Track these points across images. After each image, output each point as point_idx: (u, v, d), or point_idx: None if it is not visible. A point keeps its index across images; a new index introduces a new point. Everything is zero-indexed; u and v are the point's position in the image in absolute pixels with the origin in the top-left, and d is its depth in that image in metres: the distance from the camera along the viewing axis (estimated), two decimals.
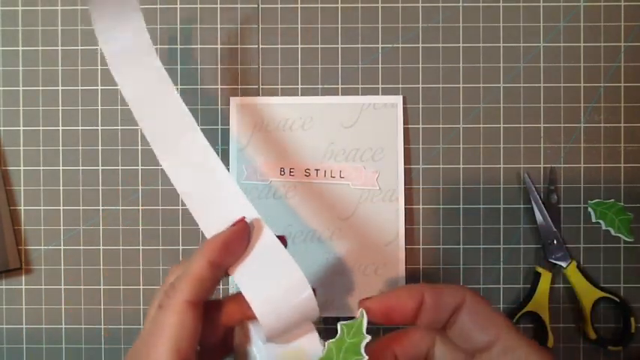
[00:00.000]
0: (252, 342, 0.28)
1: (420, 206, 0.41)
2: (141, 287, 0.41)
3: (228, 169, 0.40)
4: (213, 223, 0.28)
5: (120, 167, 0.41)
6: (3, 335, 0.41)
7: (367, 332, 0.25)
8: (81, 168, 0.41)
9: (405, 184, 0.40)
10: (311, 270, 0.40)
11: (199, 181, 0.28)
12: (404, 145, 0.40)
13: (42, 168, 0.41)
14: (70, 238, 0.41)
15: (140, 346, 0.26)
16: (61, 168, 0.41)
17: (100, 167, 0.41)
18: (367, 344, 0.25)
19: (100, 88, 0.41)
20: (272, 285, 0.26)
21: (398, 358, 0.27)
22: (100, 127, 0.41)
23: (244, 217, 0.27)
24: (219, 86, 0.41)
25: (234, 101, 0.41)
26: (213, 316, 0.28)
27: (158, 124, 0.29)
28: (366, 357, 0.24)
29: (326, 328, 0.40)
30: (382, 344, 0.27)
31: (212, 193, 0.28)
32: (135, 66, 0.31)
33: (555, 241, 0.40)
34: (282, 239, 0.29)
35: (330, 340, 0.25)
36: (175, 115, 0.29)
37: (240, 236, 0.27)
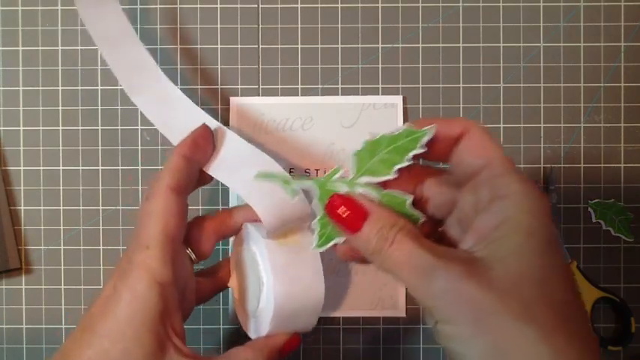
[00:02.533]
0: (252, 239, 0.32)
1: None
2: None
3: None
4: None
5: (120, 167, 0.41)
6: (3, 335, 0.41)
7: None
8: (81, 168, 0.41)
9: None
10: None
11: (170, 111, 0.35)
12: None
13: (42, 168, 0.41)
14: (70, 238, 0.41)
15: (133, 235, 0.29)
16: (61, 168, 0.41)
17: (100, 167, 0.41)
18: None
19: (100, 88, 0.41)
20: (263, 185, 0.31)
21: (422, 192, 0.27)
22: (100, 127, 0.41)
23: (204, 123, 0.32)
24: (219, 86, 0.41)
25: (234, 101, 0.41)
26: (207, 226, 0.32)
27: (130, 71, 0.35)
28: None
29: (325, 328, 0.40)
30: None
31: (181, 119, 0.34)
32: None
33: None
34: None
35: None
36: (142, 63, 0.35)
37: (204, 134, 0.32)
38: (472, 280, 0.21)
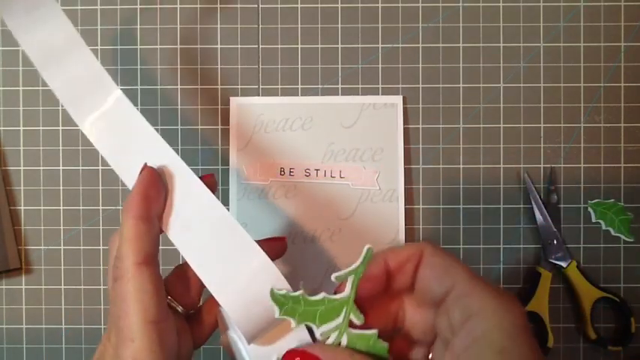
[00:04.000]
0: (230, 325, 0.28)
1: (420, 206, 0.41)
2: None
3: (228, 169, 0.40)
4: (133, 175, 0.27)
5: None
6: (3, 335, 0.41)
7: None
8: (81, 168, 0.41)
9: (405, 184, 0.40)
10: (311, 270, 0.40)
11: (125, 139, 0.28)
12: (404, 145, 0.40)
13: (42, 168, 0.41)
14: (70, 238, 0.41)
15: (112, 323, 0.26)
16: (61, 168, 0.41)
17: (100, 167, 0.41)
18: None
19: None
20: (231, 266, 0.25)
21: (404, 320, 0.27)
22: None
23: (146, 164, 0.27)
24: (219, 86, 0.41)
25: (234, 101, 0.41)
26: (192, 275, 0.29)
27: (78, 90, 0.29)
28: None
29: None
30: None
31: (137, 149, 0.27)
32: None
33: (555, 241, 0.40)
34: (281, 240, 0.29)
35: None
36: (93, 78, 0.29)
37: (153, 181, 0.27)
38: None
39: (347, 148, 0.40)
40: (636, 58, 0.41)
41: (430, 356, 0.26)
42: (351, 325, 0.24)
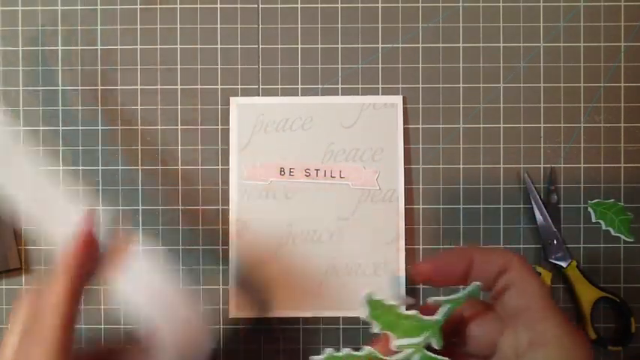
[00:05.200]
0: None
1: (420, 206, 0.41)
2: None
3: (228, 169, 0.40)
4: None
5: (120, 167, 0.41)
6: (3, 335, 0.41)
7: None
8: (81, 168, 0.41)
9: (405, 184, 0.40)
10: (311, 270, 0.40)
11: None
12: (404, 145, 0.40)
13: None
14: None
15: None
16: (61, 168, 0.41)
17: (100, 167, 0.41)
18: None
19: (100, 88, 0.41)
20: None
21: (469, 339, 0.26)
22: (100, 127, 0.41)
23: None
24: (219, 86, 0.41)
25: (234, 101, 0.41)
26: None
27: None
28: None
29: (325, 328, 0.40)
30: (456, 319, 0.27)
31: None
32: None
33: (555, 241, 0.40)
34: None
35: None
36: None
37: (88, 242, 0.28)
38: None
39: (347, 148, 0.40)
40: (636, 58, 0.41)
41: None
42: (429, 348, 0.25)
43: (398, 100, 0.41)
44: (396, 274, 0.29)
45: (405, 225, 0.40)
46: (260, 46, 0.41)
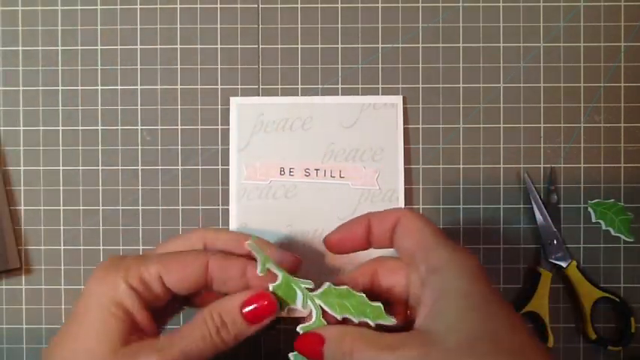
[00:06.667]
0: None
1: (420, 206, 0.41)
2: None
3: (228, 169, 0.40)
4: None
5: (120, 167, 0.41)
6: (3, 335, 0.41)
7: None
8: (81, 168, 0.41)
9: (405, 184, 0.40)
10: (311, 270, 0.40)
11: None
12: (404, 145, 0.40)
13: (42, 168, 0.41)
14: (70, 238, 0.41)
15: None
16: (61, 168, 0.41)
17: (100, 167, 0.41)
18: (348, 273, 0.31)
19: (99, 88, 0.41)
20: None
21: (380, 284, 0.30)
22: (100, 127, 0.41)
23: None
24: (219, 86, 0.41)
25: (234, 101, 0.41)
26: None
27: None
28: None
29: None
30: (364, 270, 0.30)
31: None
32: None
33: (555, 241, 0.40)
34: (296, 261, 0.32)
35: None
36: None
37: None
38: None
39: (347, 148, 0.40)
40: (636, 58, 0.41)
41: (408, 312, 0.29)
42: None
43: (398, 100, 0.41)
44: None
45: None
46: (260, 46, 0.41)
